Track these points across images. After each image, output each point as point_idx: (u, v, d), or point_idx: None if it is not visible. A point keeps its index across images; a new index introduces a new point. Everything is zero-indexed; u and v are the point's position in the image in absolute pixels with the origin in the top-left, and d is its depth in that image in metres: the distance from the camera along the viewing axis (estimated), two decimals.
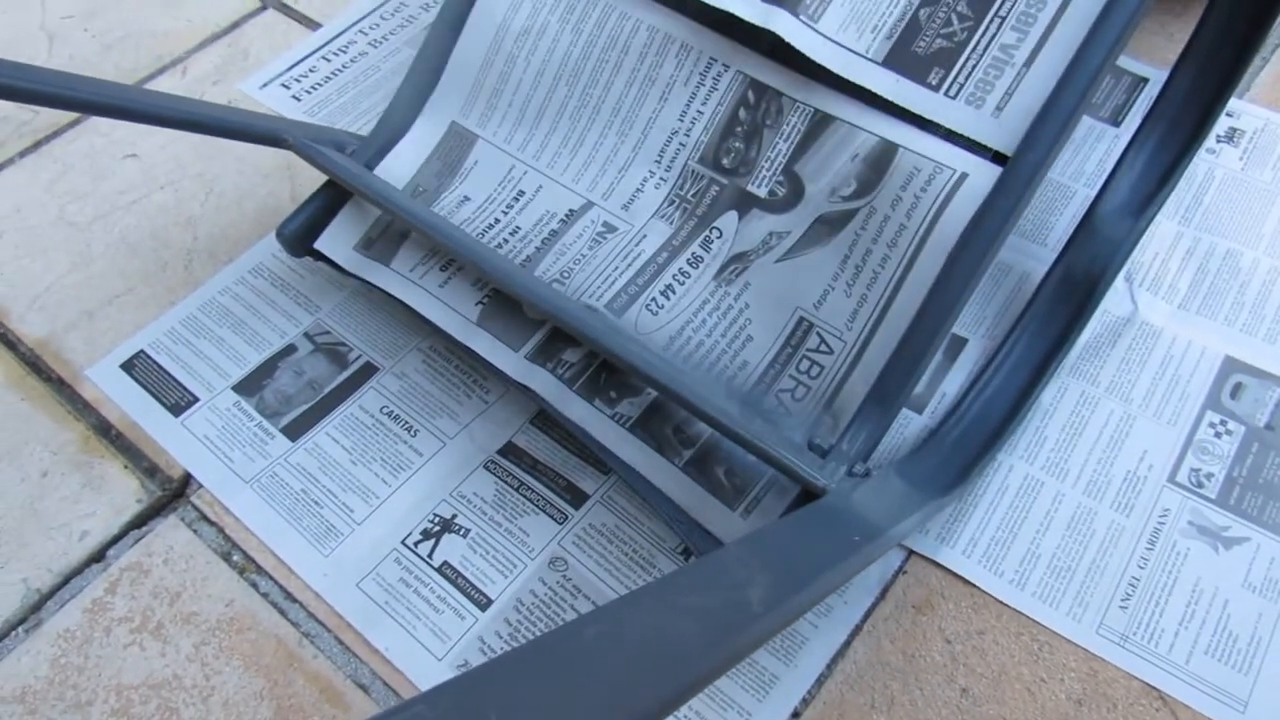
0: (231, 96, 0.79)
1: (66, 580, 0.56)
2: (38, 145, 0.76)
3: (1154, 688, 0.50)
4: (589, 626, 0.26)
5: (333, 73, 0.80)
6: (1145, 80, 0.74)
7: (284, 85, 0.79)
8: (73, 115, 0.78)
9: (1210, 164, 0.69)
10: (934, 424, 0.59)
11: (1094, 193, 0.67)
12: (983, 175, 0.49)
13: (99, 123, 0.78)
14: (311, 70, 0.80)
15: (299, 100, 0.78)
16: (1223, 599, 0.52)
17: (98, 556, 0.56)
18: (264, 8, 0.86)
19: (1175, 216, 0.66)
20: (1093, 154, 0.70)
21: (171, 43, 0.83)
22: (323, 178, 0.63)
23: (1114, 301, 0.62)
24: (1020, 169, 0.48)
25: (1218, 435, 0.57)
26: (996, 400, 0.58)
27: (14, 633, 0.54)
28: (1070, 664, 0.51)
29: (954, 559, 0.54)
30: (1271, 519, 0.54)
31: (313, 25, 0.84)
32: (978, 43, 0.50)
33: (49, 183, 0.74)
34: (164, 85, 0.80)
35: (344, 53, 0.81)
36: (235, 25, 0.84)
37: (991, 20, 0.50)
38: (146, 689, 0.52)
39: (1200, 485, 0.56)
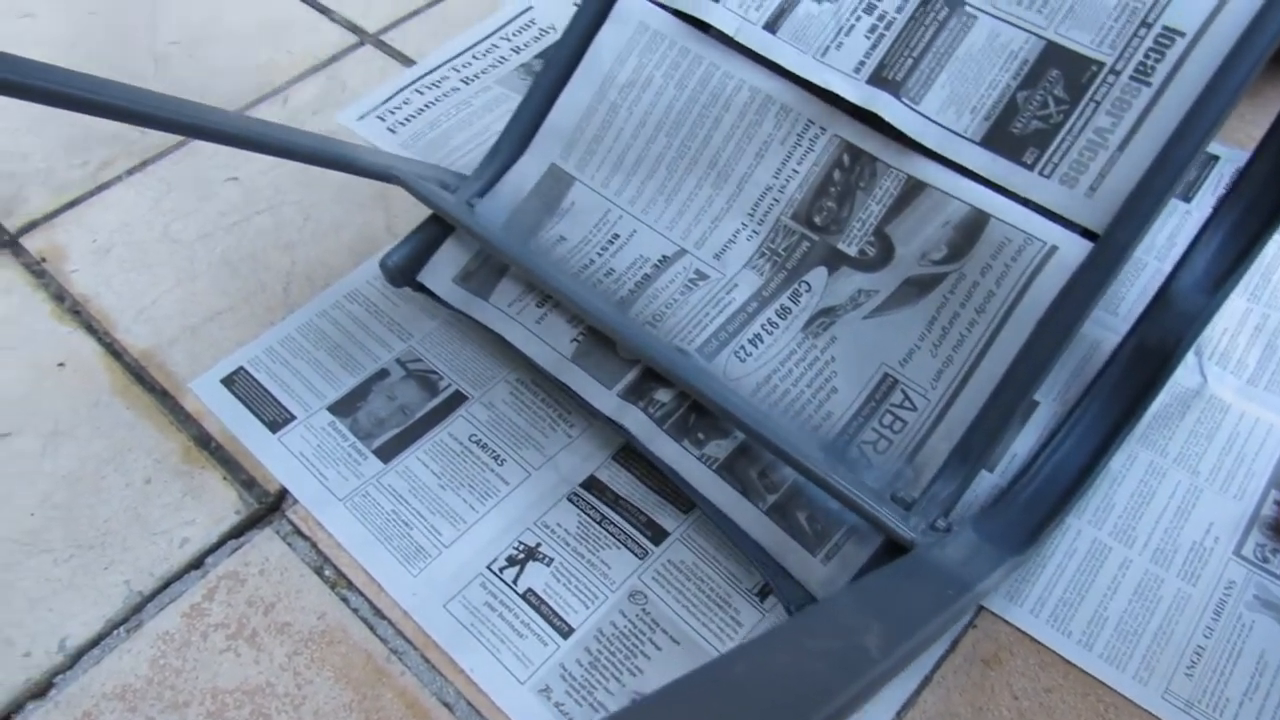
0: (330, 127, 0.82)
1: (167, 585, 0.58)
2: (144, 164, 0.80)
3: None
4: (737, 664, 0.28)
5: (425, 106, 0.83)
6: (1216, 158, 0.76)
7: (379, 117, 0.83)
8: (178, 137, 0.81)
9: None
10: (1004, 483, 0.60)
11: (1164, 265, 0.70)
12: (1072, 249, 0.51)
13: (202, 145, 0.81)
14: (405, 103, 0.84)
15: (394, 132, 0.81)
16: None
17: (197, 563, 0.59)
18: (361, 43, 0.90)
19: (1245, 293, 0.68)
20: (1163, 228, 0.72)
21: (273, 73, 0.87)
22: (421, 211, 0.67)
23: (1184, 374, 0.64)
24: (1110, 247, 0.50)
25: None
26: (1067, 464, 0.60)
27: (116, 632, 0.57)
28: None
29: (1022, 617, 0.56)
30: None
31: (407, 61, 0.88)
32: (1073, 125, 0.53)
33: (155, 201, 0.77)
34: (265, 113, 0.84)
35: (437, 87, 0.85)
36: (334, 59, 0.88)
37: (1087, 105, 0.52)
38: (241, 694, 0.54)
39: (1266, 560, 0.57)
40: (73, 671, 0.55)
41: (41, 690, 0.55)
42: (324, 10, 0.93)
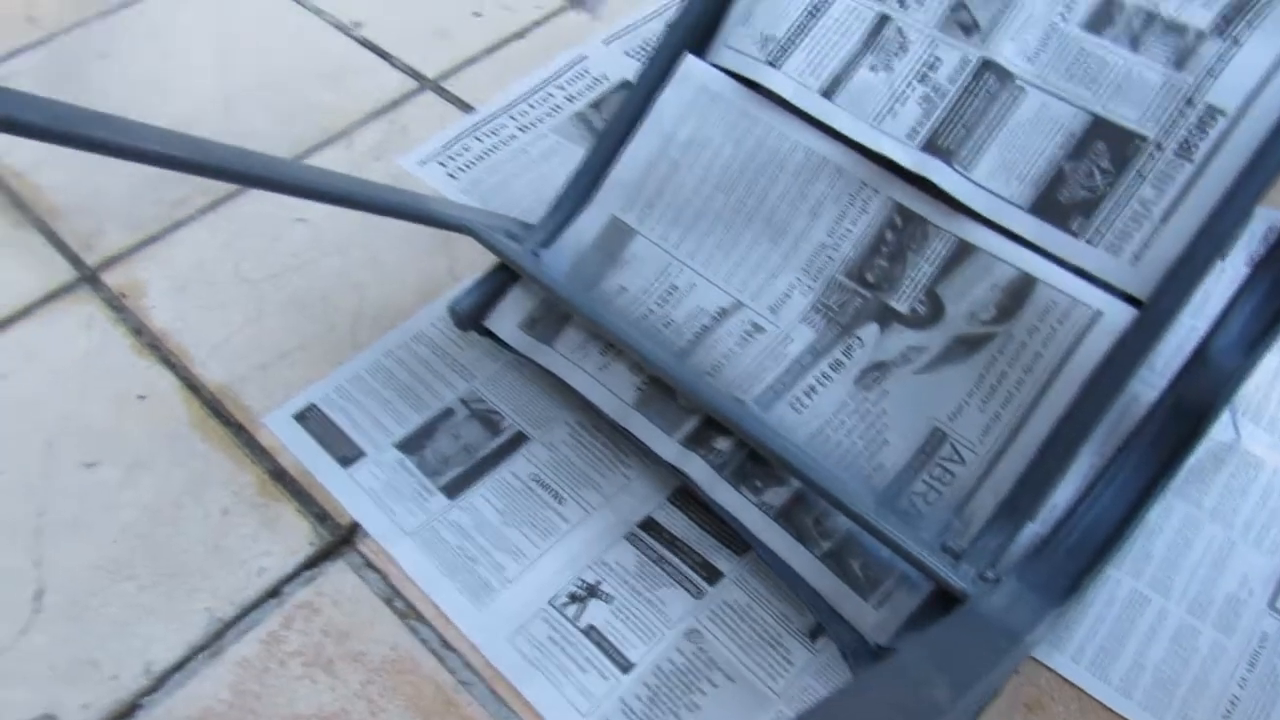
0: (392, 170, 0.86)
1: (246, 612, 0.61)
2: (216, 204, 0.84)
3: None
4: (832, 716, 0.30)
5: (484, 153, 0.87)
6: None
7: (440, 163, 0.86)
8: None
9: None
10: (1045, 531, 0.63)
11: (1198, 323, 0.72)
12: (1117, 314, 0.54)
13: None
14: (465, 149, 0.87)
15: (454, 178, 0.85)
16: None
17: (274, 592, 0.62)
18: (421, 89, 0.93)
19: (1278, 351, 0.71)
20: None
21: (337, 117, 0.91)
22: (482, 255, 0.70)
23: (1218, 429, 0.67)
24: (1155, 314, 0.53)
25: None
26: (1106, 515, 0.62)
27: (198, 657, 0.60)
28: None
29: (1064, 663, 0.58)
30: None
31: (466, 107, 0.92)
32: (1118, 196, 0.55)
33: (227, 240, 0.81)
34: (331, 155, 0.88)
35: (495, 135, 0.89)
36: (396, 104, 0.92)
37: (1132, 177, 0.55)
38: (318, 719, 0.57)
39: None
40: (158, 694, 0.58)
41: (128, 712, 0.58)
42: (385, 56, 0.97)
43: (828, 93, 0.64)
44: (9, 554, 0.64)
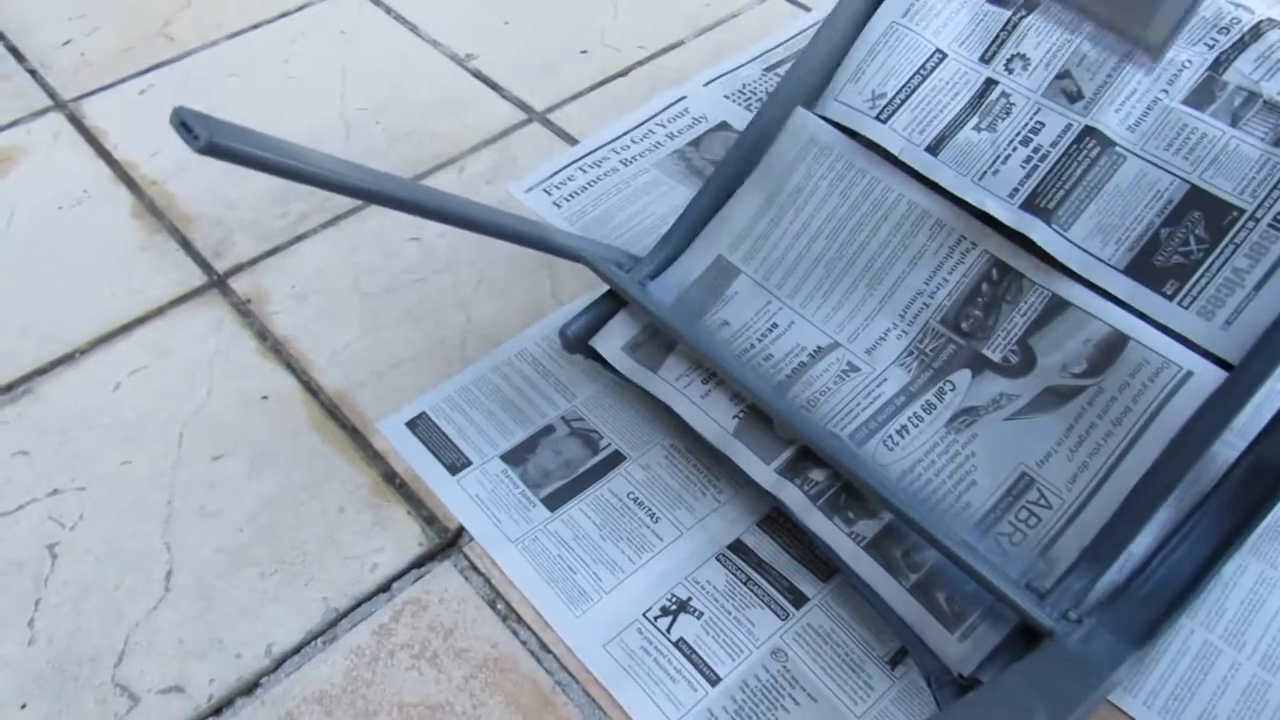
0: (501, 195, 0.91)
1: (358, 604, 0.66)
2: (336, 220, 0.89)
3: None
4: None
5: (588, 184, 0.92)
6: None
7: (545, 191, 0.91)
8: None
9: None
10: (1120, 579, 0.65)
11: (1278, 385, 0.74)
12: (1207, 376, 0.57)
13: None
14: (570, 179, 0.92)
15: (559, 207, 0.90)
16: None
17: (385, 587, 0.66)
18: (529, 120, 0.99)
19: None
20: None
21: (450, 143, 0.96)
22: (581, 279, 0.74)
23: None
24: (1244, 378, 0.55)
25: None
26: (1181, 567, 0.64)
27: (314, 642, 0.64)
28: None
29: (1135, 707, 0.60)
30: None
31: (571, 140, 0.96)
32: (1212, 263, 0.58)
33: (346, 254, 0.86)
34: (444, 179, 0.93)
35: (598, 167, 0.93)
36: (505, 133, 0.97)
37: (1226, 246, 0.58)
38: (424, 709, 0.61)
39: None
40: (276, 674, 0.63)
41: (249, 689, 0.62)
42: (495, 87, 1.02)
43: (933, 149, 0.67)
44: (142, 536, 0.69)
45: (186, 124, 0.47)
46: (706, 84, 1.01)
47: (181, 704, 0.61)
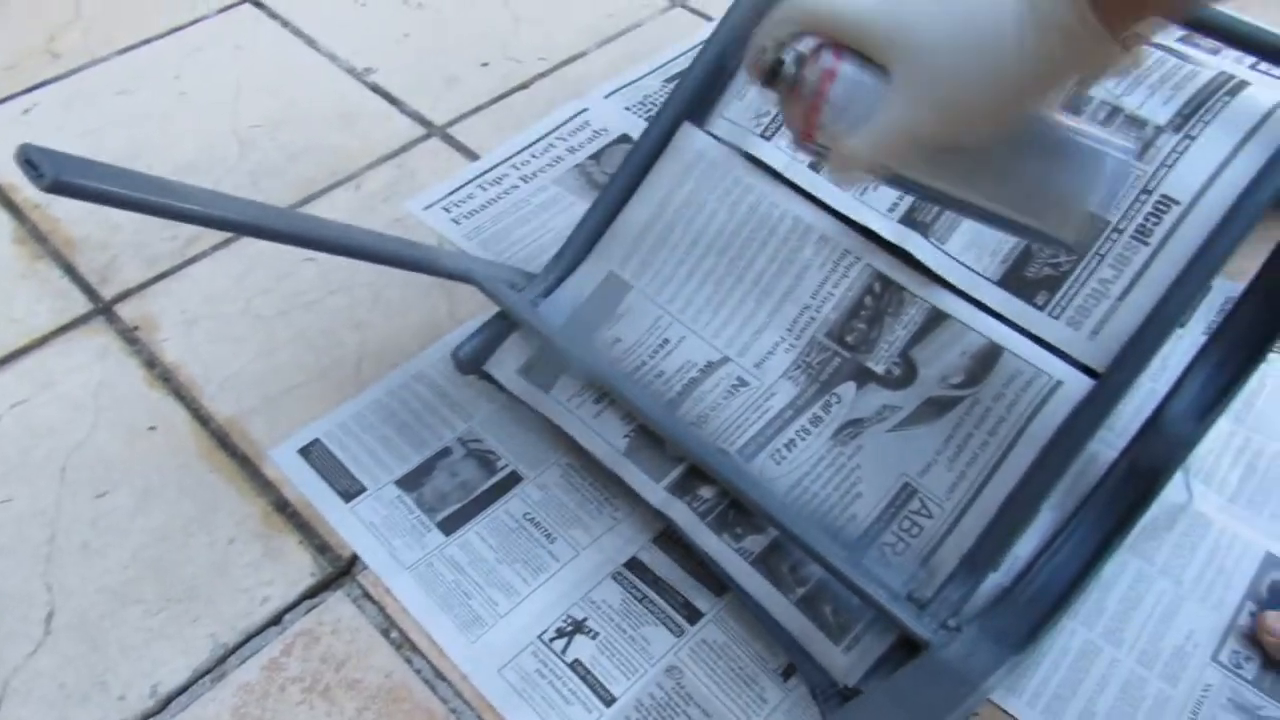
0: (399, 213, 0.90)
1: (248, 639, 0.64)
2: (228, 242, 0.87)
3: None
4: None
5: (488, 201, 0.91)
6: (1209, 288, 0.84)
7: (445, 209, 0.90)
8: None
9: (1263, 371, 0.78)
10: (1006, 582, 0.67)
11: (1156, 385, 0.77)
12: (1076, 384, 0.59)
13: None
14: (470, 197, 0.91)
15: (458, 224, 0.89)
16: None
17: (275, 620, 0.65)
18: (429, 135, 0.98)
19: (1229, 416, 0.75)
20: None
21: (347, 159, 0.95)
22: (482, 299, 0.74)
23: (1171, 490, 0.71)
24: (1110, 385, 0.57)
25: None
26: (1063, 569, 0.66)
27: (202, 680, 0.63)
28: None
29: (1019, 707, 0.62)
30: None
31: (471, 155, 0.96)
32: (1079, 275, 0.60)
33: (238, 277, 0.85)
34: (340, 197, 0.91)
35: (498, 184, 0.93)
36: (404, 149, 0.96)
37: (1092, 258, 0.60)
38: None
39: (1240, 667, 0.63)
40: (161, 716, 0.61)
41: None
42: (394, 101, 1.01)
43: (815, 166, 0.68)
44: (21, 577, 0.67)
45: (31, 161, 0.45)
46: (608, 96, 1.01)
47: None
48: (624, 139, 0.96)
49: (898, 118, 0.44)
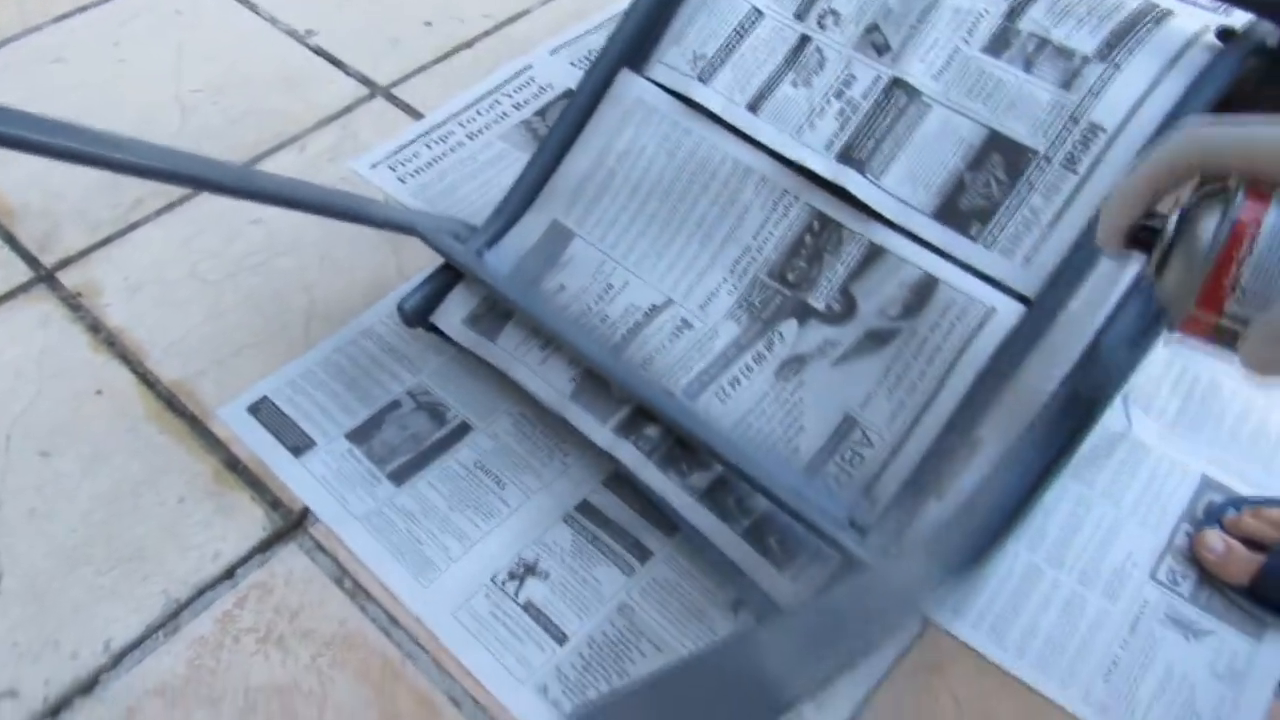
0: (344, 174, 0.89)
1: (200, 593, 0.64)
2: (172, 206, 0.87)
3: None
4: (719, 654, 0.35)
5: (434, 159, 0.91)
6: None
7: (390, 168, 0.90)
8: None
9: None
10: (953, 511, 0.68)
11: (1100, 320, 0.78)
12: (1009, 311, 0.60)
13: None
14: (415, 155, 0.91)
15: (404, 182, 0.89)
16: (1190, 682, 0.61)
17: (228, 574, 0.65)
18: (372, 95, 0.97)
19: (1168, 345, 0.77)
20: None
21: (290, 122, 0.94)
22: (429, 255, 0.74)
23: (1111, 417, 0.72)
24: (1040, 311, 0.58)
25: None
26: (1007, 495, 0.67)
27: (155, 635, 0.63)
28: None
29: (964, 630, 0.63)
30: (1235, 618, 0.64)
31: (415, 115, 0.95)
32: (1010, 204, 0.61)
33: (184, 240, 0.84)
34: (284, 159, 0.91)
35: (443, 142, 0.92)
36: (348, 109, 0.96)
37: (1023, 186, 0.61)
38: (270, 691, 0.60)
39: (1176, 584, 0.65)
40: (115, 671, 0.61)
41: (87, 688, 0.61)
42: (337, 63, 1.00)
43: (753, 107, 0.68)
44: None
45: None
46: (553, 52, 1.01)
47: (14, 708, 0.60)
48: (569, 94, 0.96)
49: None
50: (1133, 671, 0.61)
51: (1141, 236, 0.40)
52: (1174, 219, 0.38)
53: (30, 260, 0.82)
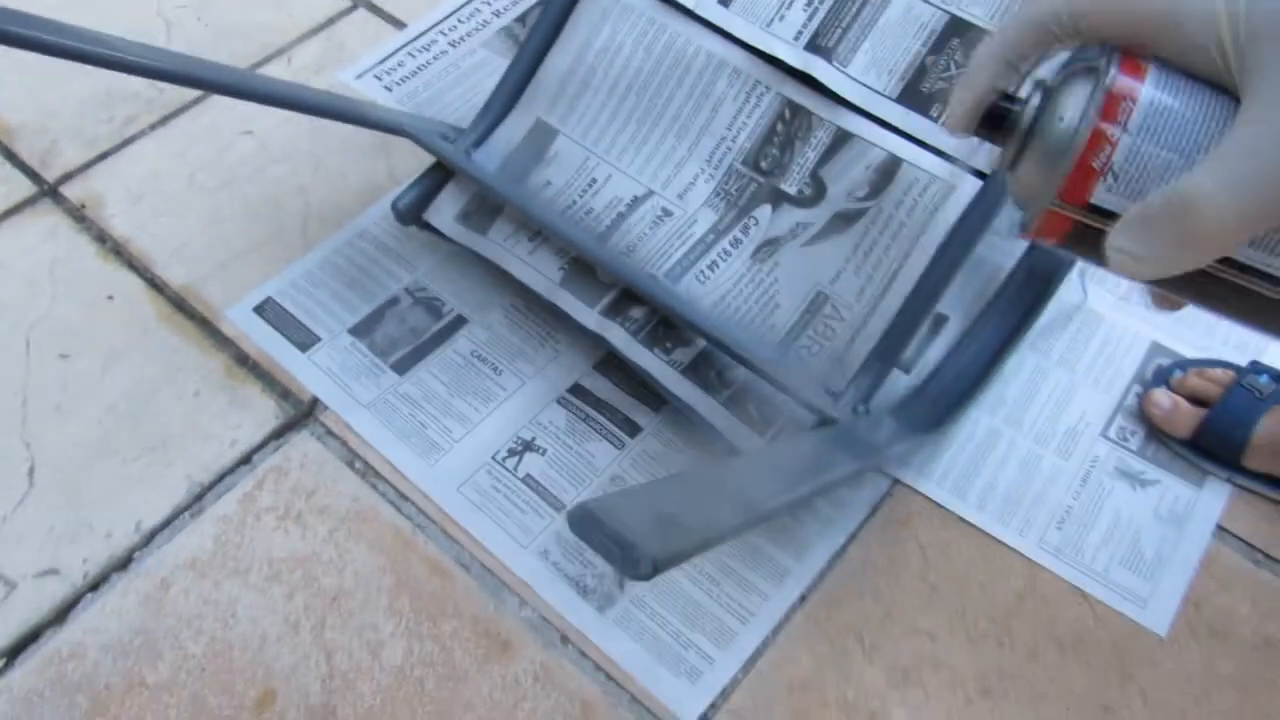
0: (331, 84, 0.92)
1: (221, 478, 0.69)
2: (165, 120, 0.89)
3: (1078, 588, 0.65)
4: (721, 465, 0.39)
5: (418, 68, 0.93)
6: None
7: (376, 77, 0.92)
8: (195, 93, 0.91)
9: None
10: (919, 383, 0.73)
11: None
12: (968, 187, 0.64)
13: (217, 101, 0.90)
14: (400, 65, 0.93)
15: (390, 91, 0.91)
16: (1136, 526, 0.67)
17: (246, 460, 0.70)
18: (355, 6, 0.99)
19: None
20: None
21: (275, 34, 0.96)
22: (419, 159, 0.77)
23: (1068, 291, 0.77)
24: (996, 185, 0.62)
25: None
26: (970, 366, 0.72)
27: (182, 516, 0.68)
28: (1016, 569, 0.66)
29: (930, 487, 0.69)
30: (1178, 468, 0.69)
31: (398, 24, 0.97)
32: None
33: (179, 152, 0.87)
34: (273, 71, 0.93)
35: (427, 50, 0.95)
36: (331, 21, 0.97)
37: None
38: (293, 561, 0.66)
39: (1125, 440, 0.71)
40: (148, 548, 0.66)
41: (123, 564, 0.66)
42: None
43: (724, 1, 0.71)
44: None
45: None
46: None
47: (58, 585, 0.65)
48: None
49: (1269, 161, 0.28)
50: (1084, 518, 0.67)
51: (997, 116, 0.34)
52: (1035, 98, 0.33)
53: (33, 175, 0.85)
